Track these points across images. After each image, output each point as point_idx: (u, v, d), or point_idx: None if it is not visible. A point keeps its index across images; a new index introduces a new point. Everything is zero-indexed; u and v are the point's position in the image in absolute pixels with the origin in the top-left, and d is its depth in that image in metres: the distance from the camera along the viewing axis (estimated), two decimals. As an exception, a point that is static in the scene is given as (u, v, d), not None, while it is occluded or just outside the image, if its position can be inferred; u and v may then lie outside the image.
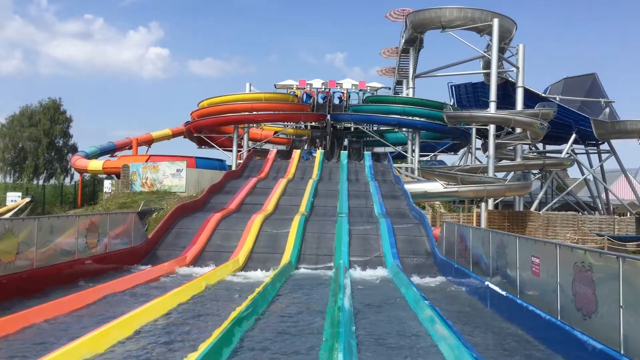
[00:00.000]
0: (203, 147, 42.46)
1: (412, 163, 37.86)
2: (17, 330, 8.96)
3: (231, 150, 38.24)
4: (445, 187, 27.80)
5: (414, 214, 23.02)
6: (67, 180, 56.89)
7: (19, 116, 58.35)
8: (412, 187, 27.70)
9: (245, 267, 17.17)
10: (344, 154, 35.73)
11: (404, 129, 39.57)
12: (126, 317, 9.50)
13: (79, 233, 14.73)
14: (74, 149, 58.25)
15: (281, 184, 27.54)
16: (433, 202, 30.99)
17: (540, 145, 44.81)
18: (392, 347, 8.54)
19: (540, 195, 39.56)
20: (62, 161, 59.77)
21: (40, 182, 56.20)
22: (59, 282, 13.01)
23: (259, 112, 37.58)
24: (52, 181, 56.94)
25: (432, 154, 42.79)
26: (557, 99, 40.18)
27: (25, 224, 12.83)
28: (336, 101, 44.21)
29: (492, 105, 31.99)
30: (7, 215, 26.37)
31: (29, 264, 12.52)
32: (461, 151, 45.02)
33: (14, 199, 32.77)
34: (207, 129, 39.09)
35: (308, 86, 45.78)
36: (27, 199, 31.64)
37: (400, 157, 41.88)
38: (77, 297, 11.39)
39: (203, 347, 7.54)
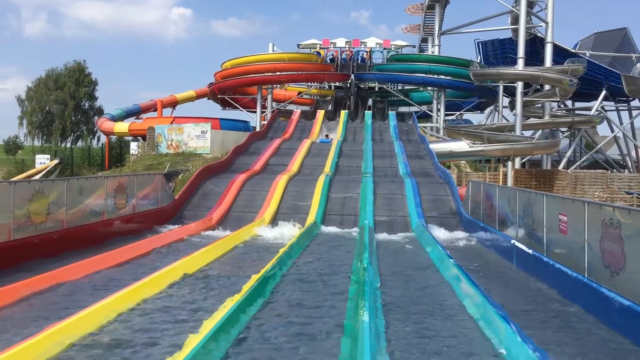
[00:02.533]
0: (227, 108, 42.48)
1: (437, 122, 37.45)
2: (50, 287, 9.19)
3: (255, 112, 38.19)
4: (471, 146, 27.49)
5: (439, 173, 22.88)
6: (94, 142, 57.64)
7: (45, 79, 58.97)
8: (437, 147, 27.45)
9: (271, 226, 17.30)
10: (368, 114, 35.45)
11: (429, 88, 39.04)
12: (156, 275, 9.72)
13: (107, 194, 14.95)
14: (99, 112, 58.87)
15: (305, 144, 27.51)
16: (458, 162, 30.72)
17: (569, 103, 43.84)
18: (418, 306, 8.58)
19: (569, 153, 38.90)
20: (89, 124, 60.50)
21: (68, 144, 57.06)
22: (89, 242, 13.27)
23: (282, 73, 37.31)
24: (80, 143, 57.75)
25: (458, 112, 42.25)
26: (587, 54, 39.09)
27: (55, 185, 13.05)
28: (360, 60, 43.67)
29: (520, 62, 31.25)
30: (37, 177, 26.85)
31: (59, 224, 12.78)
32: (488, 109, 44.32)
33: (43, 161, 33.29)
34: (230, 90, 39.02)
35: (331, 45, 45.24)
36: (56, 161, 32.11)
37: (425, 117, 41.44)
38: (108, 256, 11.63)
39: (230, 304, 7.67)
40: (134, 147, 34.03)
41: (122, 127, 38.63)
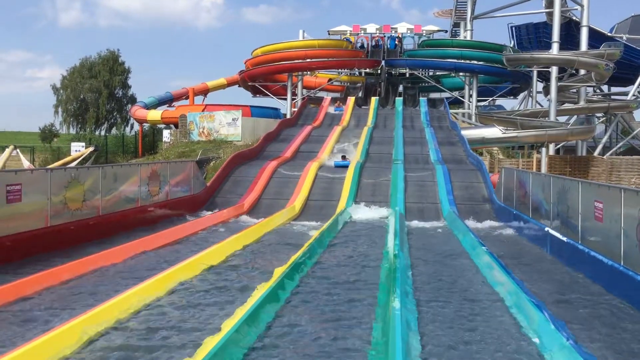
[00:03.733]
0: (258, 95, 42.62)
1: (469, 108, 36.98)
2: (89, 272, 9.40)
3: (285, 99, 38.24)
4: (504, 133, 27.14)
5: (471, 160, 22.65)
6: (128, 130, 58.46)
7: (80, 68, 59.94)
8: (469, 133, 27.16)
9: (301, 214, 17.39)
10: (399, 100, 35.19)
11: (461, 74, 38.55)
12: (191, 260, 9.88)
13: (141, 181, 15.19)
14: (132, 100, 59.65)
15: (336, 131, 27.48)
16: (491, 148, 30.35)
17: (605, 87, 42.88)
18: (449, 293, 8.54)
19: (605, 139, 38.11)
20: (122, 111, 61.38)
21: (102, 132, 58.04)
22: (123, 228, 13.51)
23: (313, 60, 37.23)
24: (113, 131, 58.65)
25: (491, 98, 41.68)
26: (624, 38, 38.14)
27: (90, 172, 13.31)
28: (390, 46, 43.29)
29: (555, 46, 30.62)
30: (73, 165, 27.38)
31: (94, 211, 13.04)
32: (521, 95, 43.62)
33: (78, 148, 33.93)
34: (261, 77, 39.11)
35: (362, 31, 44.91)
36: (91, 148, 32.70)
37: (457, 103, 40.98)
38: (143, 241, 11.83)
39: (263, 290, 7.74)
40: (166, 134, 34.43)
41: (155, 115, 39.10)
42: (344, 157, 22.41)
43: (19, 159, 30.28)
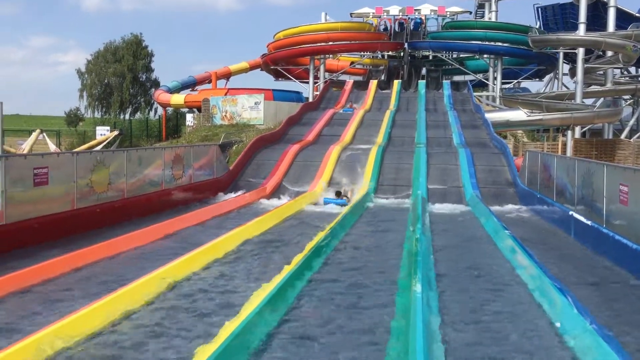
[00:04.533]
0: (280, 79, 42.57)
1: (493, 91, 36.54)
2: (115, 255, 9.57)
3: (307, 82, 38.16)
4: (529, 115, 26.81)
5: (495, 143, 22.44)
6: (151, 114, 58.90)
7: (104, 52, 60.34)
8: (493, 116, 26.88)
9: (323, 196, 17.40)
10: (421, 83, 34.91)
11: (485, 56, 38.04)
12: (215, 242, 10.03)
13: (165, 165, 15.34)
14: (156, 84, 59.96)
15: (358, 114, 27.39)
16: (515, 132, 30.02)
17: (632, 69, 42.02)
18: (471, 277, 8.53)
19: (632, 122, 37.37)
20: (146, 95, 61.75)
21: (127, 116, 58.56)
22: (148, 211, 13.68)
23: (335, 43, 37.03)
24: (137, 115, 59.14)
25: (515, 80, 41.10)
26: (654, 18, 37.23)
27: (115, 155, 13.49)
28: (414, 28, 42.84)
29: (582, 27, 30.06)
30: (98, 148, 27.74)
31: (120, 194, 13.22)
32: (547, 77, 42.90)
33: (103, 132, 34.35)
34: (283, 61, 39.04)
35: (385, 13, 44.48)
36: (116, 132, 33.07)
37: (481, 85, 40.49)
38: (168, 224, 11.99)
39: (285, 272, 7.81)
40: (189, 118, 34.66)
41: (178, 99, 39.34)
42: (338, 194, 16.26)
43: (46, 142, 30.76)
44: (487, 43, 36.28)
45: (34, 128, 32.75)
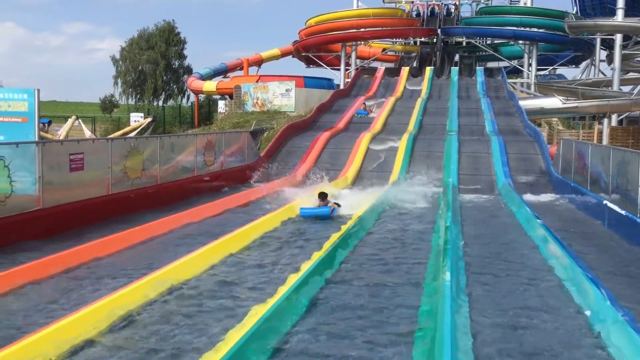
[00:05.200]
0: (311, 66, 42.54)
1: (528, 78, 35.96)
2: (148, 238, 9.76)
3: (339, 69, 38.06)
4: (564, 103, 26.32)
5: (529, 131, 22.11)
6: (184, 101, 59.47)
7: (138, 39, 61.01)
8: (527, 104, 26.47)
9: (354, 184, 17.43)
10: (454, 70, 34.51)
11: (520, 42, 37.44)
12: (247, 228, 10.23)
13: (197, 151, 15.52)
14: (189, 71, 60.47)
15: (389, 102, 27.24)
16: (550, 119, 29.51)
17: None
18: (501, 266, 8.46)
19: (671, 110, 36.43)
20: (179, 82, 62.33)
21: (160, 103, 59.26)
22: (180, 197, 13.88)
23: (367, 29, 36.84)
24: (170, 102, 59.78)
25: (551, 67, 40.35)
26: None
27: (149, 142, 13.70)
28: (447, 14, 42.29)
29: (620, 13, 29.26)
30: (132, 135, 28.16)
31: (153, 180, 13.44)
32: (583, 64, 41.99)
33: (137, 119, 34.82)
34: (314, 47, 38.98)
35: (417, -1, 43.98)
36: (149, 119, 33.47)
37: (515, 72, 39.88)
38: (202, 209, 12.17)
39: (315, 258, 7.87)
40: (221, 105, 34.94)
41: (210, 85, 39.64)
42: (323, 197, 11.86)
43: (81, 128, 31.32)
44: (522, 29, 35.70)
45: (70, 114, 33.36)
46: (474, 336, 5.67)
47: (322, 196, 11.79)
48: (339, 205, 12.11)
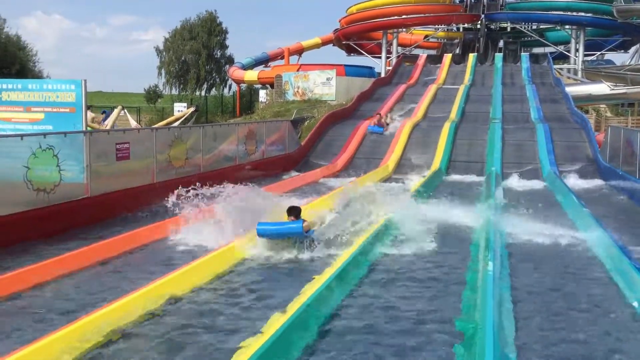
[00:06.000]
0: (352, 54, 42.37)
1: (575, 64, 35.05)
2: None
3: (380, 57, 37.80)
4: (613, 89, 25.58)
5: (575, 118, 21.57)
6: (226, 90, 60.04)
7: (181, 30, 61.81)
8: (574, 90, 25.82)
9: (394, 173, 17.35)
10: (498, 56, 33.84)
11: (566, 27, 36.45)
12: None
13: (239, 140, 15.68)
14: (230, 60, 60.98)
15: (431, 90, 26.94)
16: (597, 106, 28.72)
17: None
18: (546, 257, 8.31)
19: None
20: (220, 72, 62.94)
21: (202, 93, 59.98)
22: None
23: (408, 16, 36.40)
24: (213, 92, 60.44)
25: (599, 52, 39.21)
26: None
27: (192, 131, 13.92)
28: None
29: (673, -5, 28.25)
30: (175, 124, 28.59)
31: (196, 168, 13.65)
32: (633, 49, 40.62)
33: (180, 109, 35.31)
34: (355, 35, 38.79)
35: (460, -15, 43.22)
36: (192, 109, 33.86)
37: (561, 58, 38.89)
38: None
39: (359, 243, 7.89)
40: (262, 94, 35.12)
41: (252, 75, 39.89)
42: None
43: (127, 118, 31.94)
44: (568, 13, 34.77)
45: (116, 105, 34.07)
46: (516, 323, 5.60)
47: (293, 212, 8.58)
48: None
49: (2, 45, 46.06)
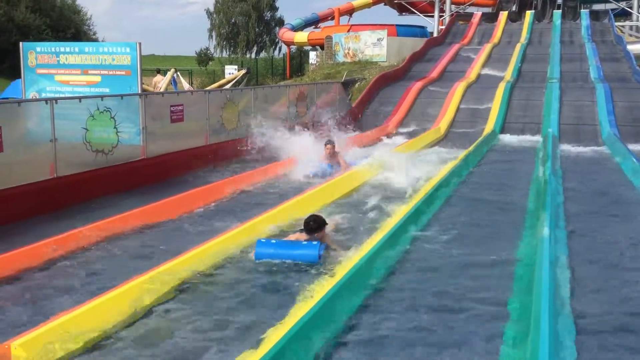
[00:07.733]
0: (404, 14, 41.50)
1: (638, 20, 33.38)
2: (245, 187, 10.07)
3: (433, 16, 36.91)
4: (679, 47, 24.31)
5: (638, 78, 20.65)
6: (276, 52, 59.96)
7: (231, -8, 61.80)
8: (636, 48, 24.67)
9: (447, 135, 17.10)
10: (557, 13, 32.52)
11: (631, -19, 34.68)
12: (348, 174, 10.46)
13: (289, 102, 15.70)
14: (280, 22, 60.77)
15: (486, 49, 26.21)
16: (662, 65, 27.36)
17: None
18: (604, 221, 8.05)
19: None
20: (270, 34, 62.83)
21: (252, 55, 60.09)
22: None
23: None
24: (262, 54, 60.45)
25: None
26: None
27: (243, 94, 14.01)
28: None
29: None
30: (227, 87, 28.79)
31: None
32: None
33: (231, 71, 35.46)
34: (407, -7, 37.93)
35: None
36: (244, 71, 33.99)
37: (623, 15, 37.10)
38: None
39: (413, 203, 7.87)
40: (312, 56, 34.88)
41: (302, 37, 39.61)
42: (314, 229, 6.44)
43: (180, 81, 32.36)
44: (634, -34, 32.98)
45: (169, 68, 34.52)
46: (571, 290, 5.52)
47: (313, 226, 6.47)
48: (328, 246, 6.51)
49: (57, 10, 47.07)
